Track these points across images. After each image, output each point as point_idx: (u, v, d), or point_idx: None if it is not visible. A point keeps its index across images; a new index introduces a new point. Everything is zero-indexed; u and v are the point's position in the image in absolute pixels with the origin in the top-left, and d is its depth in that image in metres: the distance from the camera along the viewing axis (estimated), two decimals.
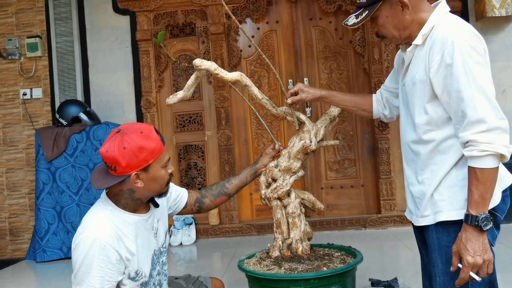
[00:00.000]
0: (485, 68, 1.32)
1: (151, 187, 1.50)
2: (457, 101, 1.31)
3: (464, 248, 1.29)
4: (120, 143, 1.42)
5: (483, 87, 1.29)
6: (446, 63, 1.33)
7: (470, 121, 1.28)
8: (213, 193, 1.93)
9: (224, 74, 1.80)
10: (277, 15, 4.42)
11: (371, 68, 4.18)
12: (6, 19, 4.41)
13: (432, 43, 1.38)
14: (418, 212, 1.48)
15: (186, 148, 4.44)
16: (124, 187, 1.50)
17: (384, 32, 1.51)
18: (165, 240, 1.70)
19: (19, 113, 4.39)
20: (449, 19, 1.41)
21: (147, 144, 1.43)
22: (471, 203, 1.29)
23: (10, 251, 4.35)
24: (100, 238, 1.42)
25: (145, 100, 4.34)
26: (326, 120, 1.97)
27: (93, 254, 1.40)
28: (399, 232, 3.95)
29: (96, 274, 1.41)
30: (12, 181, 4.37)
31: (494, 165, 1.28)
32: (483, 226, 1.27)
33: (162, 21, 4.37)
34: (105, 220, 1.46)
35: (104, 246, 1.41)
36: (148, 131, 1.47)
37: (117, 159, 1.42)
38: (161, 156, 1.48)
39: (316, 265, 1.75)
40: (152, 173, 1.47)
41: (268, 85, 4.41)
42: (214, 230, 4.26)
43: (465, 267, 1.29)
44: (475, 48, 1.32)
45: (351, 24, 1.51)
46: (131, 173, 1.44)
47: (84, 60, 4.41)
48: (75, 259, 1.44)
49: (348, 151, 4.35)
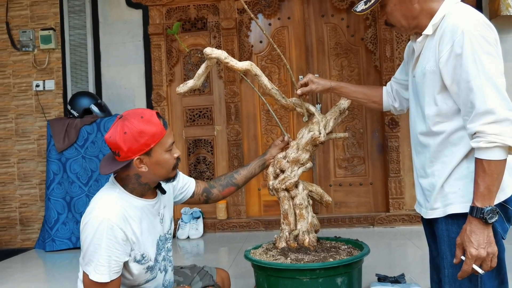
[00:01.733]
0: (495, 58, 1.30)
1: (156, 171, 1.51)
2: (466, 91, 1.29)
3: (468, 240, 1.28)
4: (121, 128, 1.44)
5: (493, 78, 1.27)
6: (456, 53, 1.31)
7: (479, 112, 1.26)
8: (222, 184, 1.94)
9: (234, 63, 1.81)
10: (289, 11, 4.41)
11: (382, 65, 4.16)
12: (20, 11, 4.46)
13: (442, 33, 1.36)
14: (427, 204, 1.46)
15: (196, 142, 4.46)
16: (130, 172, 1.51)
17: (392, 21, 1.49)
18: (170, 227, 1.72)
19: (31, 104, 4.44)
20: (460, 9, 1.38)
21: (148, 128, 1.44)
22: (477, 195, 1.27)
23: (20, 240, 4.40)
24: (108, 218, 1.44)
25: (155, 93, 4.36)
26: (336, 112, 1.96)
27: (101, 234, 1.42)
28: (408, 231, 3.92)
29: (104, 254, 1.43)
30: (23, 172, 4.42)
31: (501, 157, 1.26)
32: (488, 219, 1.25)
33: (174, 16, 4.39)
34: (113, 202, 1.49)
35: (112, 226, 1.43)
36: (149, 115, 1.47)
37: (119, 144, 1.44)
38: (163, 140, 1.48)
39: (323, 257, 1.75)
40: (155, 157, 1.48)
41: (279, 80, 4.40)
42: (222, 224, 4.27)
43: (468, 259, 1.27)
44: (485, 37, 1.30)
45: (359, 10, 1.49)
46: (133, 158, 1.45)
47: (96, 53, 4.44)
48: (83, 239, 1.46)
49: (358, 149, 4.33)
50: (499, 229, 1.34)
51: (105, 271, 1.44)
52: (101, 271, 1.43)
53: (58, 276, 3.35)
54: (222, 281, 1.93)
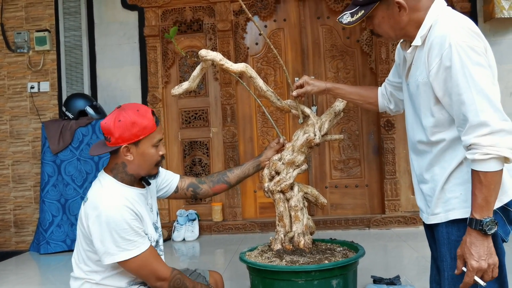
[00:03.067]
0: (485, 68, 1.28)
1: (140, 163, 1.61)
2: (458, 104, 1.28)
3: (468, 252, 1.27)
4: (117, 116, 1.57)
5: (484, 89, 1.25)
6: (445, 66, 1.29)
7: (472, 124, 1.25)
8: (213, 180, 1.98)
9: (229, 65, 1.80)
10: (285, 13, 4.42)
11: (378, 67, 4.17)
12: (15, 12, 4.45)
13: (430, 45, 1.34)
14: (428, 210, 1.46)
15: (191, 144, 4.45)
16: (118, 160, 1.62)
17: (379, 31, 1.49)
18: (157, 218, 1.79)
19: (26, 106, 4.42)
20: (447, 17, 1.36)
21: (141, 120, 1.57)
22: (475, 206, 1.27)
23: (14, 243, 4.37)
24: (116, 204, 1.54)
25: (151, 95, 4.36)
26: (331, 114, 1.96)
27: (120, 218, 1.51)
28: (403, 232, 3.93)
29: (131, 231, 1.53)
30: (18, 174, 4.40)
31: (497, 168, 1.25)
32: (487, 230, 1.25)
33: (170, 17, 4.39)
34: (113, 189, 1.59)
35: (123, 208, 1.54)
36: (144, 110, 1.60)
37: (111, 130, 1.56)
38: (152, 135, 1.60)
39: (318, 259, 1.74)
40: (142, 149, 1.59)
41: (275, 83, 4.41)
42: (217, 226, 4.26)
43: (470, 272, 1.27)
44: (473, 48, 1.28)
45: (346, 22, 1.46)
46: (122, 145, 1.57)
47: (91, 54, 4.43)
48: (101, 232, 1.52)
49: (353, 151, 4.34)
50: (500, 232, 1.34)
51: (142, 241, 1.55)
52: (139, 243, 1.54)
53: (52, 278, 3.34)
54: (216, 283, 1.92)
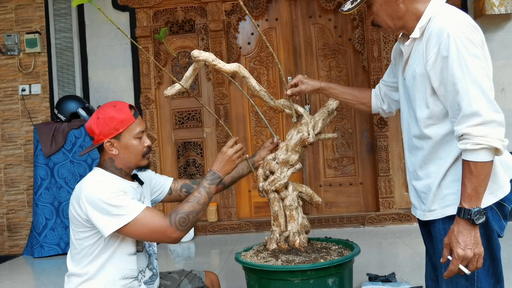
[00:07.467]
0: (481, 60, 1.30)
1: (126, 156, 1.65)
2: (453, 93, 1.30)
3: (455, 240, 1.28)
4: (96, 115, 1.65)
5: (479, 80, 1.28)
6: (443, 56, 1.32)
7: (465, 114, 1.27)
8: None
9: (222, 65, 1.80)
10: (277, 12, 4.42)
11: (370, 65, 4.18)
12: (5, 14, 4.41)
13: (429, 36, 1.36)
14: (424, 206, 1.46)
15: (185, 145, 4.44)
16: (106, 157, 1.66)
17: (378, 21, 1.51)
18: None
19: (17, 109, 4.39)
20: (446, 11, 1.39)
21: (117, 115, 1.63)
22: (464, 196, 1.28)
23: (7, 247, 4.33)
24: (100, 180, 1.57)
25: (144, 96, 4.34)
26: (324, 113, 1.96)
27: (108, 190, 1.53)
28: (398, 229, 3.94)
29: (122, 197, 1.54)
30: (10, 177, 4.36)
31: (488, 159, 1.26)
32: (475, 220, 1.26)
33: (162, 18, 4.37)
34: (100, 174, 1.62)
35: (106, 183, 1.57)
36: (121, 105, 1.66)
37: (93, 128, 1.64)
38: (132, 127, 1.65)
39: (313, 258, 1.74)
40: (124, 141, 1.64)
41: (268, 82, 4.41)
42: (213, 227, 4.26)
43: (455, 260, 1.28)
44: (471, 39, 1.30)
45: (346, 9, 1.50)
46: (104, 140, 1.62)
47: (83, 56, 4.41)
48: (92, 207, 1.53)
49: (347, 149, 4.35)
50: (496, 227, 1.35)
51: (134, 204, 1.54)
52: (132, 206, 1.53)
53: (47, 282, 3.31)
54: (212, 284, 1.92)
